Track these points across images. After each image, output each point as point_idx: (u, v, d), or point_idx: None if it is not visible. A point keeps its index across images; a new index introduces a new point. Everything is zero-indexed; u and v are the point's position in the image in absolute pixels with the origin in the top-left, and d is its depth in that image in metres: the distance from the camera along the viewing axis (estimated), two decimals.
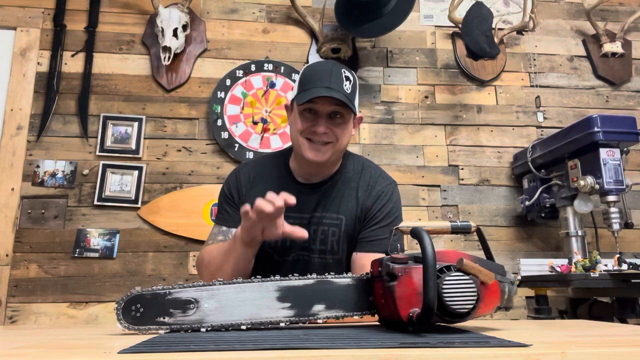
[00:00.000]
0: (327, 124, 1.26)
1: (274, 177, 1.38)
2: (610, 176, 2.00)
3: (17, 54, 2.46)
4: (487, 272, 0.76)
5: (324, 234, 1.30)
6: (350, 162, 1.41)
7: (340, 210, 1.32)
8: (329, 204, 1.33)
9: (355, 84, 1.29)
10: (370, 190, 1.35)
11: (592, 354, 0.56)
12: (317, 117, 1.27)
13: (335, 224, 1.31)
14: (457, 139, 2.62)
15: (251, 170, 1.42)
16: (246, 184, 1.38)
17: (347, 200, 1.34)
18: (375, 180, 1.37)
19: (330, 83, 1.23)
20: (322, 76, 1.25)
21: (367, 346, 0.58)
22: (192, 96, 2.52)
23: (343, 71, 1.27)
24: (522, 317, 2.39)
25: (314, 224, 1.31)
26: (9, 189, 2.30)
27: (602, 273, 1.75)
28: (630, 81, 2.80)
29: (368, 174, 1.39)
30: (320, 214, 1.32)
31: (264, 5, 2.68)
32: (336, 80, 1.24)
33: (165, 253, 2.32)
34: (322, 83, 1.24)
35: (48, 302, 2.22)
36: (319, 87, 1.23)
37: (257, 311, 0.82)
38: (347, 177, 1.37)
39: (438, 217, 2.51)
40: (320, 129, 1.26)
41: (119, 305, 0.79)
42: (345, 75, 1.26)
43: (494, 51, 2.50)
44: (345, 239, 1.31)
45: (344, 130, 1.29)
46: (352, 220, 1.32)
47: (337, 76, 1.25)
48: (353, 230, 1.32)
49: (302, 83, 1.28)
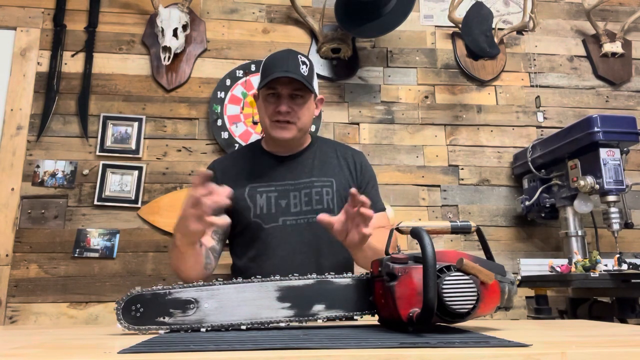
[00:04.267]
0: (289, 104, 1.39)
1: (248, 156, 1.52)
2: (610, 176, 2.00)
3: (17, 54, 2.46)
4: (487, 272, 0.76)
5: (319, 195, 1.42)
6: (320, 140, 1.59)
7: (328, 174, 1.46)
8: (315, 170, 1.47)
9: (312, 68, 1.43)
10: (353, 160, 1.52)
11: (592, 354, 0.56)
12: (279, 99, 1.40)
13: (327, 185, 1.44)
14: (457, 139, 2.62)
15: (224, 160, 1.57)
16: (220, 169, 1.49)
17: (332, 166, 1.49)
18: (352, 152, 1.56)
19: (288, 67, 1.37)
20: (279, 62, 1.39)
21: (367, 346, 0.58)
22: (192, 96, 2.52)
23: (299, 56, 1.41)
24: (522, 317, 2.39)
25: (303, 188, 1.43)
26: (9, 189, 2.30)
27: (602, 273, 1.75)
28: (630, 81, 2.80)
29: (342, 147, 1.58)
30: (307, 180, 1.44)
31: (264, 5, 2.68)
32: (293, 64, 1.38)
33: (165, 253, 2.32)
34: (280, 68, 1.37)
35: (48, 302, 2.22)
36: (278, 71, 1.36)
37: (257, 311, 0.82)
38: (322, 150, 1.53)
39: (438, 217, 2.51)
40: (282, 107, 1.38)
41: (119, 305, 0.79)
42: (301, 60, 1.41)
43: (494, 51, 2.50)
44: (339, 197, 1.43)
45: (305, 109, 1.42)
46: (345, 183, 1.45)
47: (293, 60, 1.39)
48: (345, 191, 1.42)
49: (263, 71, 1.42)
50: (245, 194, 1.42)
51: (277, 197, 1.41)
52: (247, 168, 1.48)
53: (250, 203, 1.41)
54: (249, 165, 1.49)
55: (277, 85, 1.38)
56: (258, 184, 1.44)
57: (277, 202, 1.41)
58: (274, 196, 1.42)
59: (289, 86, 1.37)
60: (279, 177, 1.45)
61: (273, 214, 1.40)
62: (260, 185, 1.43)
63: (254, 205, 1.40)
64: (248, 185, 1.44)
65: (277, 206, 1.40)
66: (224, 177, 1.44)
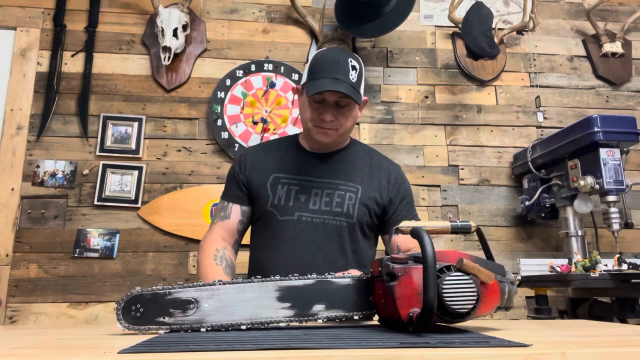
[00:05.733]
0: (334, 112, 1.36)
1: (282, 148, 1.50)
2: (610, 176, 2.00)
3: (17, 54, 2.46)
4: (487, 272, 0.76)
5: (341, 197, 1.39)
6: (357, 145, 1.54)
7: (355, 180, 1.43)
8: (343, 174, 1.43)
9: (361, 72, 1.37)
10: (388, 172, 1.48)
11: (592, 354, 0.56)
12: (324, 105, 1.35)
13: (352, 191, 1.41)
14: (457, 139, 2.62)
15: (258, 148, 1.55)
16: (252, 155, 1.49)
17: (362, 174, 1.45)
18: (389, 164, 1.52)
19: (338, 74, 1.31)
20: (330, 67, 1.32)
21: (367, 346, 0.58)
22: (192, 96, 2.52)
23: (350, 60, 1.34)
24: (522, 317, 2.39)
25: (327, 188, 1.40)
26: (9, 189, 2.30)
27: (602, 273, 1.75)
28: (630, 81, 2.80)
29: (378, 156, 1.53)
30: (333, 181, 1.41)
31: (264, 5, 2.68)
32: (343, 71, 1.32)
33: (165, 253, 2.32)
34: (329, 74, 1.31)
35: (48, 302, 2.22)
36: (327, 79, 1.31)
37: (257, 311, 0.82)
38: (357, 155, 1.49)
39: (438, 217, 2.51)
40: (327, 117, 1.35)
41: (119, 305, 0.79)
42: (352, 65, 1.34)
43: (494, 51, 2.50)
44: (362, 205, 1.40)
45: (349, 116, 1.38)
46: (370, 194, 1.42)
47: (344, 66, 1.33)
48: (369, 200, 1.41)
49: (311, 72, 1.36)
50: (267, 182, 1.41)
51: (298, 190, 1.39)
52: (276, 158, 1.46)
53: (270, 192, 1.40)
54: (279, 156, 1.47)
55: (325, 93, 1.33)
56: (282, 175, 1.42)
57: (297, 196, 1.38)
58: (295, 189, 1.39)
59: (336, 94, 1.32)
60: (305, 171, 1.42)
61: (290, 207, 1.38)
62: (284, 177, 1.41)
63: (272, 195, 1.39)
64: (272, 174, 1.42)
65: (296, 200, 1.38)
66: (253, 164, 1.45)
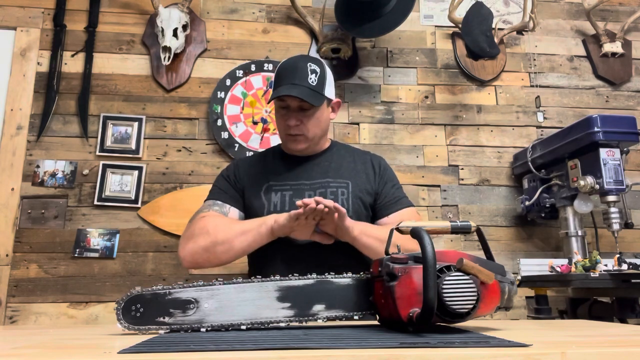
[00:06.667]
0: (298, 117, 1.41)
1: (269, 157, 1.57)
2: (610, 176, 2.00)
3: (17, 54, 2.46)
4: (487, 272, 0.76)
5: (334, 194, 1.44)
6: (339, 144, 1.62)
7: (344, 176, 1.48)
8: (331, 172, 1.49)
9: (322, 74, 1.40)
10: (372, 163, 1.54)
11: (592, 354, 0.56)
12: (289, 111, 1.41)
13: (343, 186, 1.46)
14: (457, 139, 2.62)
15: (248, 159, 1.63)
16: (244, 166, 1.55)
17: (349, 170, 1.50)
18: (371, 156, 1.58)
19: (295, 79, 1.36)
20: (287, 73, 1.39)
21: (367, 346, 0.58)
22: (192, 96, 2.52)
23: (309, 64, 1.39)
24: (522, 317, 2.39)
25: (319, 187, 1.45)
26: (9, 189, 2.30)
27: (602, 273, 1.75)
28: (630, 81, 2.79)
29: (360, 153, 1.60)
30: (323, 180, 1.47)
31: (264, 5, 2.68)
32: (301, 75, 1.37)
33: (165, 253, 2.32)
34: (287, 80, 1.37)
35: (48, 302, 2.22)
36: (285, 85, 1.36)
37: (257, 311, 0.82)
38: (340, 154, 1.55)
39: (438, 217, 2.51)
40: (291, 122, 1.40)
41: (119, 305, 0.79)
42: (311, 69, 1.38)
43: (494, 51, 2.50)
44: (355, 198, 1.45)
45: (314, 120, 1.42)
46: (360, 186, 1.47)
47: (302, 71, 1.38)
48: (361, 193, 1.46)
49: (275, 81, 1.43)
50: (261, 191, 1.46)
51: (292, 195, 1.43)
52: (266, 168, 1.52)
53: (265, 200, 1.44)
54: (267, 165, 1.54)
55: (286, 98, 1.39)
56: (274, 183, 1.47)
57: (292, 200, 1.42)
58: (289, 194, 1.44)
59: (296, 99, 1.37)
60: (295, 177, 1.48)
61: (286, 212, 1.40)
62: (275, 184, 1.47)
63: (268, 203, 1.43)
64: (265, 184, 1.47)
65: (291, 204, 1.42)
66: (245, 175, 1.51)
